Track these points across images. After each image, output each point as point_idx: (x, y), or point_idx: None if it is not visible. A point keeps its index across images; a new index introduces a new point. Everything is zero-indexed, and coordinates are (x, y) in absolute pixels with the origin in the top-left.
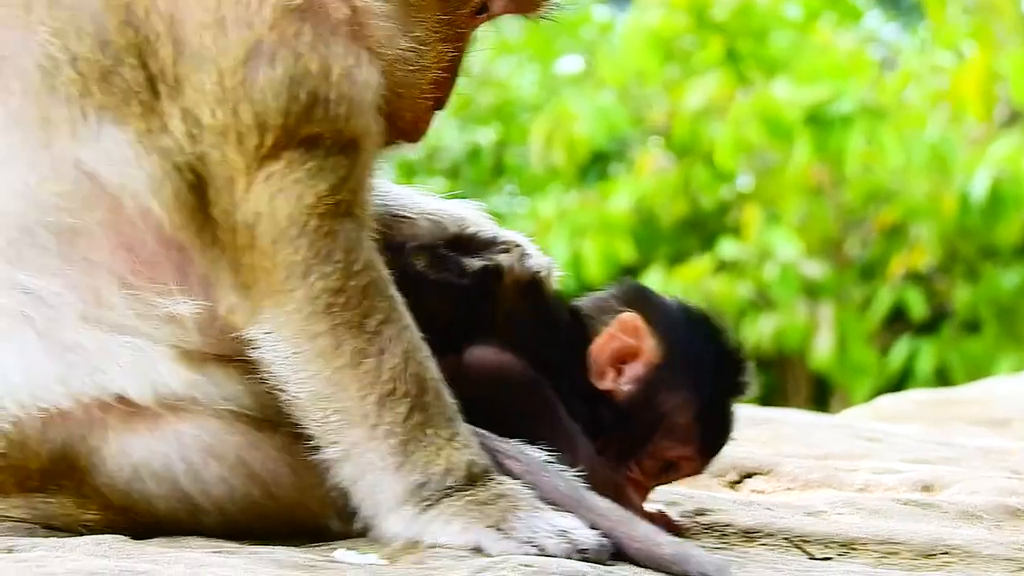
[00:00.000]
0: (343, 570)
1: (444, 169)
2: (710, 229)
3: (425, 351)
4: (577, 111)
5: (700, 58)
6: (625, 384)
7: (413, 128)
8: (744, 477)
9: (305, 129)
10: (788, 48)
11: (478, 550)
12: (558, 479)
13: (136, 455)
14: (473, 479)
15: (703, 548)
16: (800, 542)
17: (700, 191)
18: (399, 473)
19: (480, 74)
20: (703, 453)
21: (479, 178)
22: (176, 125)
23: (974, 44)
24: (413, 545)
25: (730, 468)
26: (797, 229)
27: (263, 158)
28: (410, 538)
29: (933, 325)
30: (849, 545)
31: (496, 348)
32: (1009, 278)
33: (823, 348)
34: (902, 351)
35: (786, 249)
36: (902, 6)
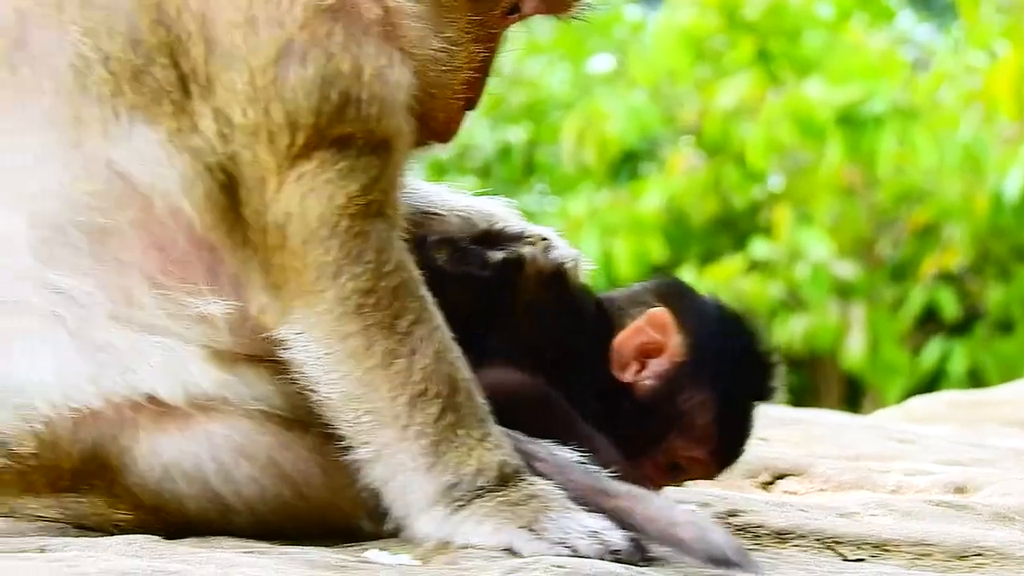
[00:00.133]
0: (375, 570)
1: (475, 168)
2: (741, 229)
3: (456, 351)
4: (608, 110)
5: (731, 58)
6: (647, 379)
7: (445, 128)
8: (777, 478)
9: (336, 129)
10: (820, 48)
11: (510, 551)
12: (589, 479)
13: (167, 455)
14: (505, 480)
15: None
16: (833, 543)
17: (731, 191)
18: (430, 474)
19: (511, 73)
20: (716, 457)
21: (510, 177)
22: (207, 125)
23: (1007, 44)
24: (445, 546)
25: (763, 469)
26: (829, 229)
27: (294, 158)
28: (442, 539)
29: (965, 325)
30: (882, 546)
31: (509, 368)
32: None
33: (855, 349)
34: (934, 352)
35: (818, 249)
36: (935, 6)
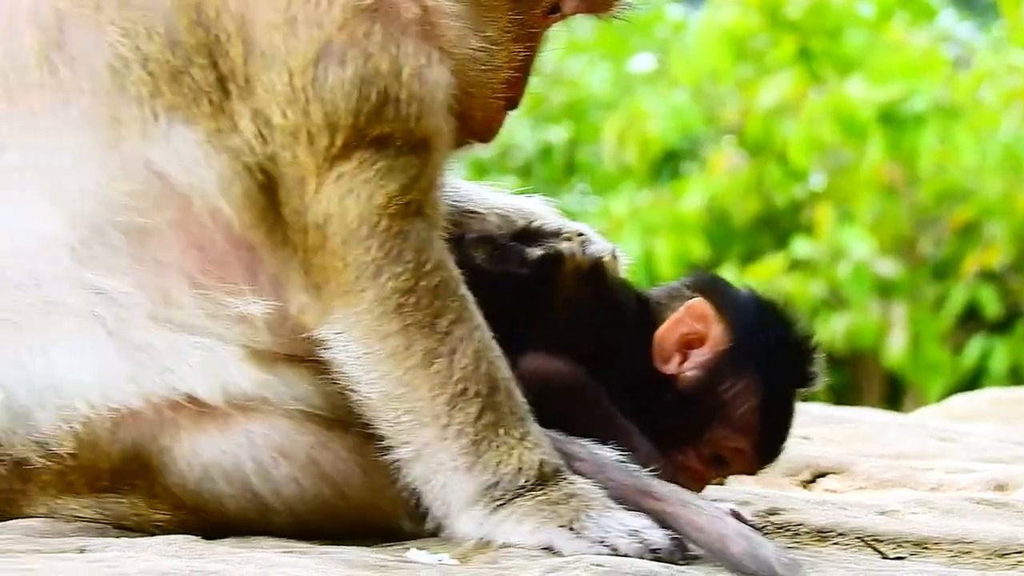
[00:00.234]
0: (415, 570)
1: (516, 167)
2: (783, 228)
3: (496, 351)
4: (650, 109)
5: (773, 56)
6: (689, 369)
7: (485, 128)
8: (817, 476)
9: (375, 129)
10: (861, 47)
11: (550, 550)
12: (629, 478)
13: (206, 455)
14: (544, 479)
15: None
16: (873, 541)
17: (773, 190)
18: (470, 473)
19: (552, 72)
20: (759, 448)
21: (551, 176)
22: (246, 125)
23: None
24: (485, 545)
25: (804, 467)
26: (870, 228)
27: (333, 158)
28: (481, 538)
29: (1007, 324)
30: (922, 544)
31: (548, 356)
32: None
33: (896, 347)
34: (975, 350)
35: (859, 248)
36: (976, 5)
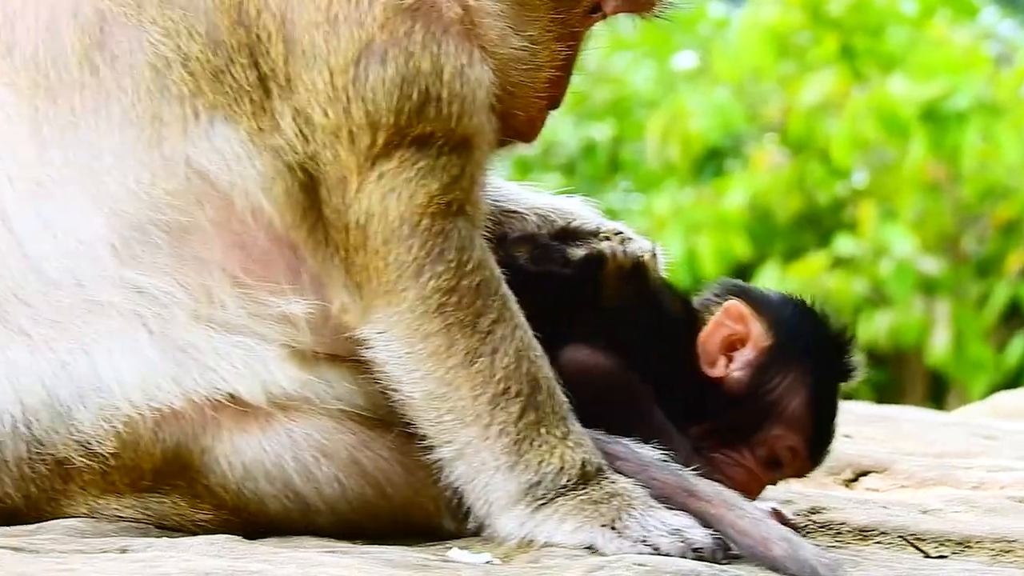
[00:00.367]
0: (457, 570)
1: (559, 165)
2: (826, 225)
3: (537, 350)
4: (693, 107)
5: (816, 54)
6: (736, 371)
7: (527, 127)
8: (859, 475)
9: (417, 128)
10: (904, 44)
11: (592, 549)
12: (672, 477)
13: (248, 454)
14: (586, 478)
15: (817, 546)
16: (915, 540)
17: (815, 187)
18: (512, 472)
19: (595, 70)
20: (811, 445)
21: (594, 174)
22: (287, 124)
23: None
24: (526, 544)
25: (846, 466)
26: (913, 225)
27: (375, 157)
28: (523, 537)
29: None
30: (964, 543)
31: (590, 348)
32: None
33: (940, 345)
34: (1019, 347)
35: (902, 245)
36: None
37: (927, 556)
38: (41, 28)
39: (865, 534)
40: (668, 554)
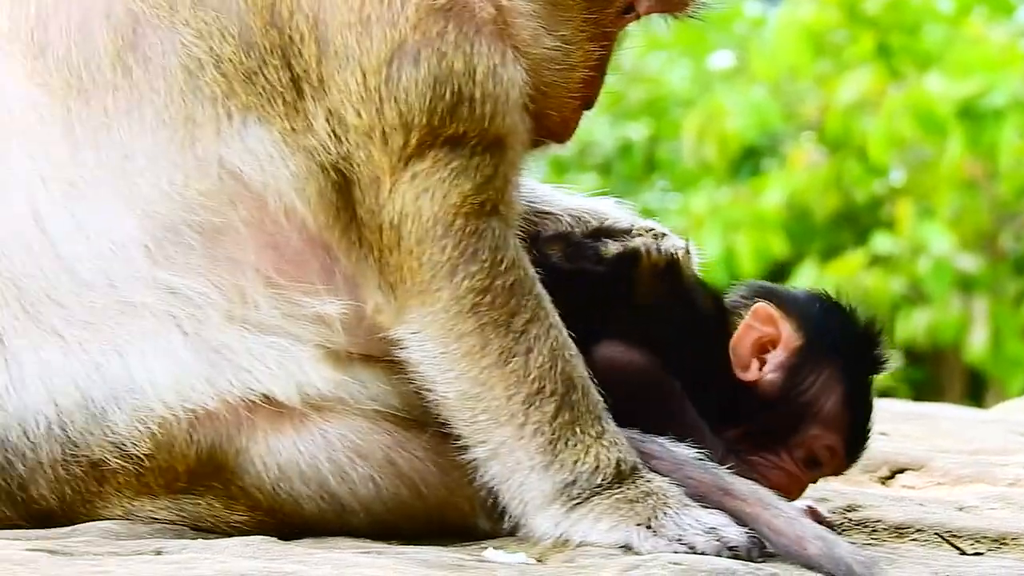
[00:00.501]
0: (492, 569)
1: (596, 165)
2: (863, 223)
3: (572, 349)
4: (729, 106)
5: (852, 52)
6: (769, 373)
7: (561, 127)
8: (895, 473)
9: (450, 128)
10: (940, 42)
11: (627, 548)
12: (708, 476)
13: (283, 455)
14: (621, 477)
15: (852, 544)
16: (951, 537)
17: (853, 185)
18: (547, 472)
19: (631, 69)
20: (848, 442)
21: (631, 174)
22: (321, 125)
23: None
24: (562, 544)
25: (882, 463)
26: (950, 223)
27: (408, 158)
28: (559, 537)
29: None
30: (1000, 540)
31: (624, 345)
32: None
33: (978, 342)
34: None
35: (940, 243)
36: None
37: (963, 553)
38: (74, 29)
39: (901, 531)
40: (704, 553)
